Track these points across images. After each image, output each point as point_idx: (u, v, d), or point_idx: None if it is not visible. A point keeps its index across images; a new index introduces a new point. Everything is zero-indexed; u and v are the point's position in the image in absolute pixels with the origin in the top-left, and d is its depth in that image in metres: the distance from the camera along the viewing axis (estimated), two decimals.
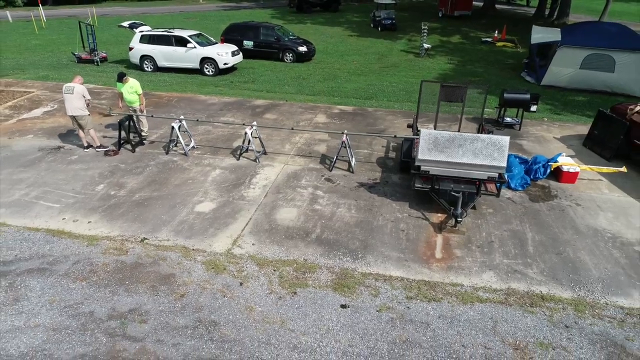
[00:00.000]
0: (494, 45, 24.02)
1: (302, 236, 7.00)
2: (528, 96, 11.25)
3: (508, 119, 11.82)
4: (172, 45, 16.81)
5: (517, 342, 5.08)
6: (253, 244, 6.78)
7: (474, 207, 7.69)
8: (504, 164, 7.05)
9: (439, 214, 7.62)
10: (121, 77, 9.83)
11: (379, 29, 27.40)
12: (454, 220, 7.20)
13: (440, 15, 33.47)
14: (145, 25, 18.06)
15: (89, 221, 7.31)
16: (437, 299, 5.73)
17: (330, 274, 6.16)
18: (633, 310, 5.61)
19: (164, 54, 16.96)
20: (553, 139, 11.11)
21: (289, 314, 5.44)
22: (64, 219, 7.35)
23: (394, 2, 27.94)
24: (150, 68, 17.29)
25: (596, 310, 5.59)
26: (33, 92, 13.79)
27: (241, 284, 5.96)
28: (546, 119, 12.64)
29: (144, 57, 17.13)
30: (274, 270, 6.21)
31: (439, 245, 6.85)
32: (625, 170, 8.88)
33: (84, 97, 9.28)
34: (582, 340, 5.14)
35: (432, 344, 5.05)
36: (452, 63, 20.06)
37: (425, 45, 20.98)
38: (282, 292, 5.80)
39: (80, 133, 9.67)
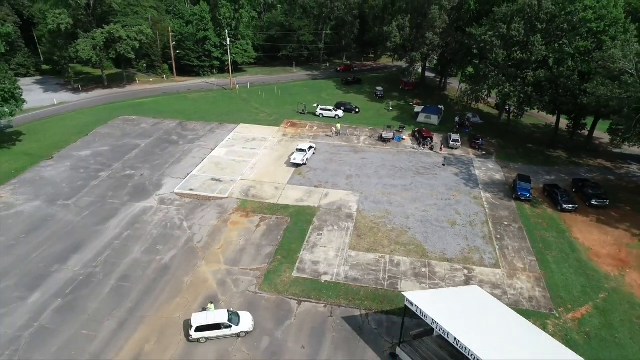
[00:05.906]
0: (411, 105, 78.00)
1: (370, 142, 60.56)
2: (404, 125, 65.23)
3: (401, 130, 65.49)
4: (328, 107, 70.67)
5: (377, 145, 58.85)
6: (365, 142, 60.38)
7: (389, 142, 61.41)
8: (392, 136, 60.88)
9: (384, 143, 61.29)
10: (338, 122, 63.19)
11: (377, 97, 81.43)
12: (386, 143, 60.99)
13: (400, 88, 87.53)
14: (320, 104, 71.96)
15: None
16: (374, 141, 59.55)
17: (372, 140, 59.73)
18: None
19: (323, 106, 70.88)
20: (408, 134, 64.89)
21: (370, 146, 59.07)
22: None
23: (382, 89, 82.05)
24: (320, 116, 70.84)
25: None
26: (309, 123, 67.27)
27: (369, 147, 59.74)
28: (410, 130, 66.56)
29: (319, 110, 70.89)
30: (372, 139, 59.95)
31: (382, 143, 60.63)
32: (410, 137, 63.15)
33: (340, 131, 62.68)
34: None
35: (368, 148, 58.92)
36: (398, 113, 74.08)
37: (390, 108, 75.07)
38: (367, 146, 59.48)
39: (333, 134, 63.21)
